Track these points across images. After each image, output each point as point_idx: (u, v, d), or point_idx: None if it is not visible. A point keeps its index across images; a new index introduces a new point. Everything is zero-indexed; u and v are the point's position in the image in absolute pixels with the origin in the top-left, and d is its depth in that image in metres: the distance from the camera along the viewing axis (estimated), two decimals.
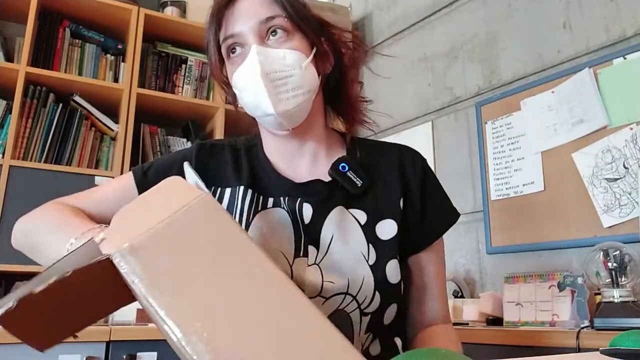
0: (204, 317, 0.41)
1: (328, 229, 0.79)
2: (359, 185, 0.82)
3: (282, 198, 0.81)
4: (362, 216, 0.81)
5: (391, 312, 0.79)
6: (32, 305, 0.40)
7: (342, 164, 0.83)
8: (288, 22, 0.78)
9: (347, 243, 0.78)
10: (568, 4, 1.82)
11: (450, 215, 0.90)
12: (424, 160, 0.90)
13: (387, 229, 0.81)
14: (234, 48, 0.79)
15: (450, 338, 0.84)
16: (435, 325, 0.85)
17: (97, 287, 0.46)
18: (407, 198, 0.85)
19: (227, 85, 0.85)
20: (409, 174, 0.87)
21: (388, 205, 0.83)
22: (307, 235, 0.78)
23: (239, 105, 0.84)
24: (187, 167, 0.65)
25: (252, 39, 0.76)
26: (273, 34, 0.77)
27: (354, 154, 0.87)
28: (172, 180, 0.53)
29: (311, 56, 0.79)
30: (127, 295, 0.48)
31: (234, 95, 0.84)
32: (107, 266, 0.44)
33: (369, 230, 0.80)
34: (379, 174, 0.85)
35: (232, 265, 0.45)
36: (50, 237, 0.73)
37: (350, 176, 0.82)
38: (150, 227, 0.44)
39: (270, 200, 0.81)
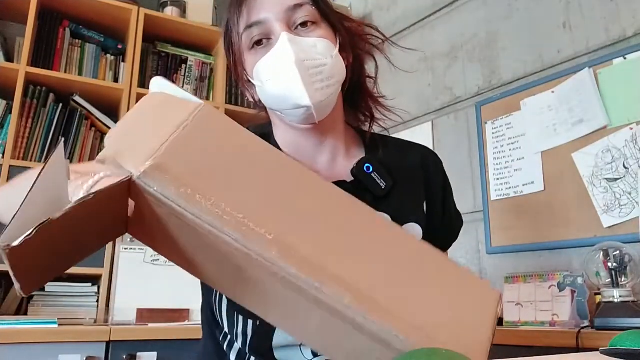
0: (261, 216, 0.41)
1: None
2: (383, 187, 0.79)
3: None
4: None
5: None
6: (44, 236, 0.37)
7: (367, 165, 0.79)
8: (315, 10, 0.74)
9: None
10: (568, 4, 1.82)
11: (460, 221, 0.91)
12: (442, 163, 0.89)
13: (412, 233, 0.79)
14: (258, 39, 0.74)
15: None
16: None
17: (101, 216, 0.43)
18: (430, 202, 0.83)
19: (244, 79, 0.80)
20: (432, 178, 0.85)
21: (412, 209, 0.81)
22: None
23: (258, 99, 0.79)
24: (160, 80, 0.56)
25: (279, 27, 0.72)
26: (301, 24, 0.74)
27: (376, 153, 0.83)
28: (155, 96, 0.48)
29: (338, 45, 0.76)
30: (120, 227, 0.46)
31: (252, 88, 0.79)
32: (124, 189, 0.41)
33: None
34: (401, 175, 0.82)
35: (263, 166, 0.44)
36: (14, 185, 0.66)
37: (375, 177, 0.78)
38: (162, 142, 0.41)
39: None
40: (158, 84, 0.54)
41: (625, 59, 1.63)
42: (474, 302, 0.45)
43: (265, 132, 0.84)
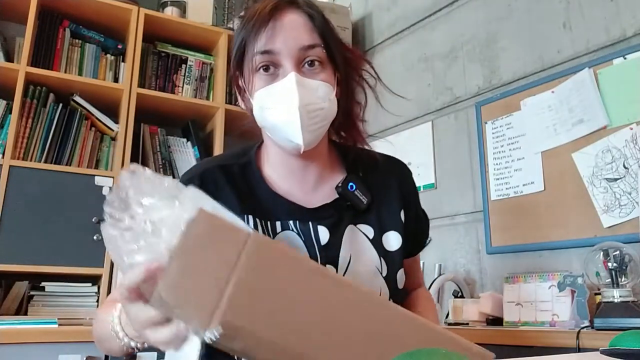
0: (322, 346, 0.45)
1: (346, 249, 0.84)
2: (365, 203, 0.87)
3: (290, 221, 0.84)
4: (369, 231, 0.88)
5: None
6: None
7: (350, 183, 0.87)
8: (324, 53, 0.80)
9: (362, 259, 0.85)
10: (568, 4, 1.82)
11: (428, 221, 1.02)
12: (411, 172, 0.99)
13: (392, 240, 0.89)
14: (267, 66, 0.79)
15: (428, 299, 1.03)
16: (415, 290, 1.02)
17: None
18: (406, 210, 0.92)
19: (243, 90, 0.85)
20: (406, 188, 0.94)
21: (391, 218, 0.90)
22: (324, 256, 0.83)
23: (252, 111, 0.83)
24: (195, 192, 0.57)
25: (289, 62, 0.77)
26: (310, 64, 0.79)
27: (356, 170, 0.91)
28: (203, 222, 0.47)
29: (335, 86, 0.82)
30: None
31: (249, 103, 0.83)
32: None
33: (377, 243, 0.87)
34: (379, 189, 0.91)
35: (314, 296, 0.47)
36: (101, 321, 0.73)
37: (357, 194, 0.87)
38: (219, 293, 0.44)
39: (278, 224, 0.84)
40: (194, 197, 0.56)
41: (625, 59, 1.63)
42: None
43: (246, 161, 0.89)
